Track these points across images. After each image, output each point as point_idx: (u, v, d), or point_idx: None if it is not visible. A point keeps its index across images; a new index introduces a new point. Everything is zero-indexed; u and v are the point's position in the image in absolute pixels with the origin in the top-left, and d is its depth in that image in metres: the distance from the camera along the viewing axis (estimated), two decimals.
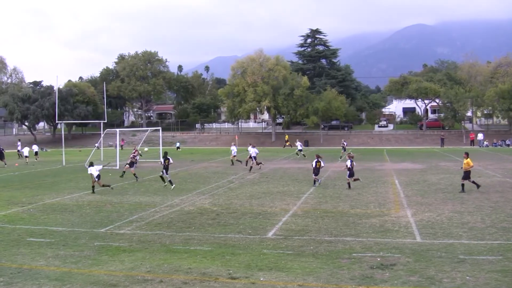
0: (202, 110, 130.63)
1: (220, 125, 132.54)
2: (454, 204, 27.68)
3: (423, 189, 33.96)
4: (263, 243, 19.46)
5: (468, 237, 19.85)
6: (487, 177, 40.74)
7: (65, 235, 21.26)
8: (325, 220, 23.81)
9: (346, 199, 29.93)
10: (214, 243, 19.53)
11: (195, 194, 32.86)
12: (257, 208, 27.36)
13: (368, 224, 22.73)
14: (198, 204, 28.98)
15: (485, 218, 23.73)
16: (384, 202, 28.94)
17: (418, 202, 28.61)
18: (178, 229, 22.22)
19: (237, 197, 31.55)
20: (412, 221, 23.22)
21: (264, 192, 33.42)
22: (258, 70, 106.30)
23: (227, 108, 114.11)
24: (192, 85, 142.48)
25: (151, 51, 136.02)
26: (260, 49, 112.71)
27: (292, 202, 29.28)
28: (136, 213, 26.22)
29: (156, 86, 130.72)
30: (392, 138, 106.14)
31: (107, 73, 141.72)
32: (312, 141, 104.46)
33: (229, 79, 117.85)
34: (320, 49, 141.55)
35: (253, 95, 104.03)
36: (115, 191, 35.04)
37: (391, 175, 43.92)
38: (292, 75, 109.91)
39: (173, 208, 27.68)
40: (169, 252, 18.34)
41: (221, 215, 25.29)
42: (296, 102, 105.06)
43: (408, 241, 19.44)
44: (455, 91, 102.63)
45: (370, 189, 34.37)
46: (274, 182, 39.65)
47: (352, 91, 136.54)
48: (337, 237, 20.27)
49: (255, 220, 23.91)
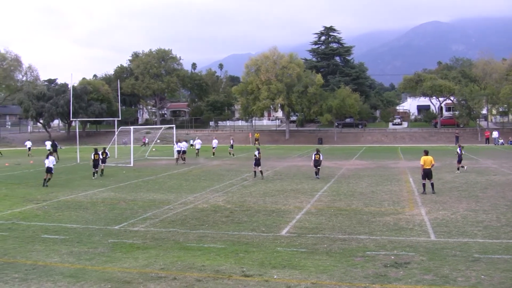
0: (216, 107, 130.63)
1: (234, 123, 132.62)
2: (469, 202, 27.57)
3: (438, 187, 33.71)
4: (277, 241, 19.46)
5: (483, 236, 19.76)
6: (502, 175, 40.54)
7: (79, 232, 21.36)
8: (338, 218, 23.78)
9: (360, 197, 29.87)
10: (228, 240, 19.55)
11: (209, 192, 32.90)
12: (270, 205, 27.37)
13: (382, 222, 22.68)
14: (211, 201, 29.02)
15: (501, 216, 23.61)
16: (398, 200, 28.86)
17: (433, 200, 28.51)
18: (192, 226, 22.25)
19: (251, 194, 31.57)
20: (427, 219, 23.14)
21: (277, 190, 33.41)
22: (272, 68, 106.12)
23: (241, 105, 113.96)
24: (206, 83, 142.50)
25: (165, 49, 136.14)
26: (274, 47, 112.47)
27: (305, 200, 29.26)
28: (150, 210, 26.29)
29: (170, 83, 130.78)
30: (406, 136, 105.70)
31: (121, 70, 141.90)
32: (326, 139, 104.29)
33: (243, 76, 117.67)
34: (334, 47, 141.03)
35: (267, 93, 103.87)
36: (129, 188, 35.17)
37: (405, 173, 43.77)
38: (306, 73, 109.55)
39: (187, 205, 27.73)
40: (182, 249, 18.37)
41: (234, 213, 25.31)
42: (310, 99, 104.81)
43: (423, 239, 19.38)
44: (470, 88, 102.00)
45: (384, 187, 34.29)
46: (288, 179, 39.62)
47: (366, 88, 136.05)
48: (351, 235, 20.24)
49: (269, 218, 23.91)
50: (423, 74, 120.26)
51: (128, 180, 39.94)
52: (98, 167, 43.43)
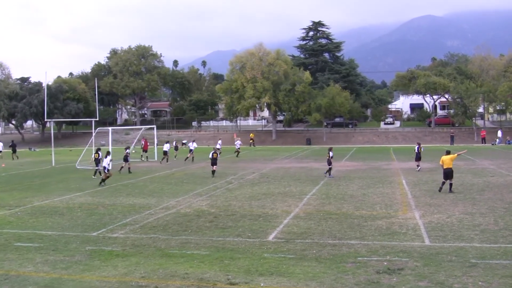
0: (199, 107, 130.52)
1: (218, 123, 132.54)
2: (465, 205, 27.68)
3: (432, 189, 33.92)
4: (264, 246, 19.46)
5: (480, 240, 19.84)
6: (500, 177, 40.76)
7: (55, 240, 21.26)
8: (328, 222, 23.81)
9: (350, 200, 29.93)
10: (212, 247, 19.53)
11: (192, 196, 32.86)
12: (257, 210, 27.37)
13: (374, 226, 22.74)
14: (195, 206, 28.98)
15: (498, 220, 23.72)
16: (391, 203, 28.94)
17: (427, 203, 28.61)
18: (174, 232, 22.22)
19: (236, 198, 31.55)
20: (421, 223, 23.22)
21: (264, 193, 33.42)
22: (257, 65, 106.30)
23: (225, 105, 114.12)
24: (189, 81, 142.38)
25: (145, 46, 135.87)
26: (260, 43, 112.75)
27: (294, 203, 29.28)
28: (130, 215, 26.22)
29: (151, 82, 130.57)
30: (399, 136, 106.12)
31: (99, 68, 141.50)
32: (315, 139, 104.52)
33: (227, 74, 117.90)
34: (322, 43, 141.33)
35: (253, 91, 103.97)
36: (108, 192, 35.07)
37: (398, 174, 43.93)
38: (293, 70, 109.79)
39: (168, 210, 27.68)
40: (164, 256, 18.34)
41: (219, 218, 25.29)
42: (297, 98, 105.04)
43: (417, 244, 19.44)
44: (466, 86, 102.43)
45: (376, 190, 34.38)
46: (275, 182, 39.64)
47: (357, 86, 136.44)
48: (341, 240, 20.27)
49: (255, 223, 23.91)
50: (417, 71, 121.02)
51: (107, 184, 39.79)
52: (99, 166, 45.47)
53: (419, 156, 47.48)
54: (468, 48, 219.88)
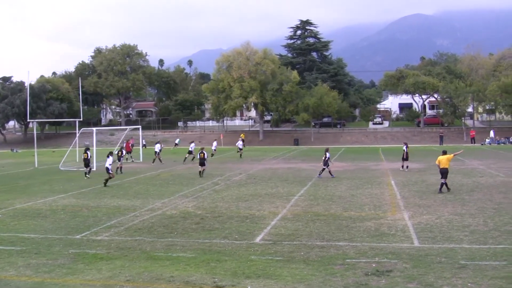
0: (185, 107, 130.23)
1: (204, 123, 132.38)
2: (454, 205, 27.76)
3: (421, 190, 34.07)
4: (251, 248, 19.45)
5: (470, 241, 19.89)
6: (489, 177, 40.95)
7: (38, 243, 21.15)
8: (316, 223, 23.83)
9: (339, 201, 29.96)
10: (198, 249, 19.49)
11: (178, 197, 32.81)
12: (244, 211, 27.35)
13: (362, 227, 22.76)
14: (181, 207, 28.94)
15: (488, 220, 23.80)
16: (380, 204, 29.00)
17: (416, 203, 28.69)
18: (160, 234, 22.16)
19: (223, 199, 31.52)
20: (410, 224, 23.27)
21: (251, 194, 33.41)
22: (244, 64, 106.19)
23: (212, 105, 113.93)
24: (174, 81, 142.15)
25: (130, 45, 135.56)
26: (247, 42, 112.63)
27: (281, 204, 29.28)
28: (115, 217, 26.14)
29: (136, 81, 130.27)
30: (388, 136, 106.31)
31: (83, 68, 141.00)
32: (303, 139, 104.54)
33: (213, 74, 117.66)
34: (310, 42, 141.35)
35: (240, 91, 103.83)
36: (92, 194, 34.96)
37: (387, 175, 44.03)
38: (281, 70, 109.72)
39: (154, 212, 27.62)
40: (150, 259, 18.28)
41: (205, 219, 25.25)
42: (285, 98, 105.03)
43: (406, 245, 19.47)
44: (455, 85, 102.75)
45: (364, 190, 34.43)
46: (262, 183, 39.63)
47: (345, 86, 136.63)
48: (329, 241, 20.27)
49: (242, 225, 23.90)
50: (406, 70, 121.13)
51: (91, 186, 39.69)
52: (89, 167, 46.90)
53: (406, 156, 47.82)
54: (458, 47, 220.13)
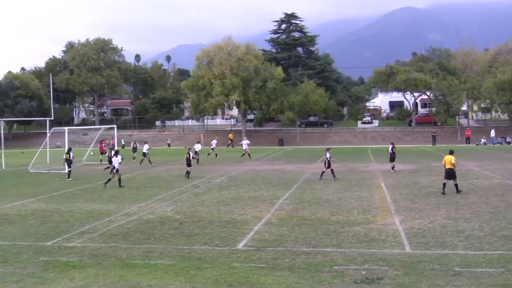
0: (163, 105, 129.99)
1: (184, 122, 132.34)
2: (448, 209, 27.84)
3: (413, 192, 34.15)
4: (233, 255, 19.41)
5: (465, 247, 19.94)
6: (485, 179, 41.12)
7: (5, 250, 21.00)
8: (302, 228, 23.82)
9: (326, 205, 29.98)
10: (177, 256, 19.44)
11: (155, 201, 32.73)
12: (225, 216, 27.31)
13: (351, 232, 22.78)
14: (158, 212, 28.86)
15: (484, 225, 23.87)
16: (369, 207, 29.04)
17: (408, 207, 28.75)
18: (136, 240, 22.09)
19: (203, 203, 31.46)
20: (401, 229, 23.31)
21: (233, 198, 33.38)
22: (226, 60, 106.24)
23: (191, 103, 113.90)
24: (152, 77, 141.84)
25: (104, 39, 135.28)
26: (229, 36, 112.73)
27: (265, 208, 29.27)
28: (88, 223, 26.01)
29: (111, 78, 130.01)
30: (378, 136, 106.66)
31: (54, 63, 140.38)
32: (288, 139, 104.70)
33: (193, 70, 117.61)
34: (296, 36, 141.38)
35: (221, 88, 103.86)
36: (64, 198, 34.81)
37: (377, 177, 44.12)
38: (264, 66, 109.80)
39: (130, 216, 27.53)
40: (126, 267, 18.20)
41: (184, 224, 25.20)
42: (269, 95, 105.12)
43: (397, 251, 19.50)
44: (449, 82, 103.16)
45: (353, 193, 34.48)
46: (245, 186, 39.62)
47: (332, 83, 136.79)
48: (316, 247, 20.28)
49: (224, 230, 23.86)
50: (396, 67, 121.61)
51: (63, 189, 39.52)
52: (71, 167, 47.79)
53: (394, 156, 48.07)
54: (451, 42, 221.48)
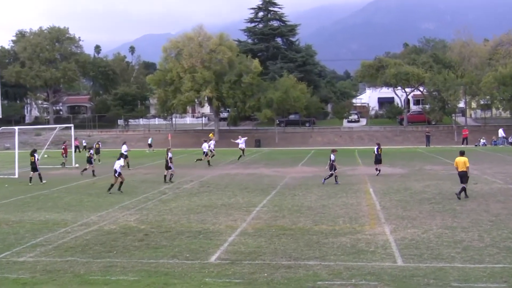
0: (126, 102, 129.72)
1: (149, 121, 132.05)
2: (444, 217, 27.94)
3: (405, 199, 34.26)
4: (205, 269, 19.36)
5: (463, 260, 19.99)
6: (485, 184, 41.25)
7: None
8: (282, 239, 23.81)
9: (308, 213, 29.99)
10: (142, 270, 19.37)
11: (117, 209, 32.61)
12: (196, 225, 27.27)
13: (336, 244, 22.80)
14: (121, 221, 28.76)
15: (484, 235, 23.96)
16: (356, 216, 29.07)
17: (399, 215, 28.83)
18: (96, 254, 21.97)
19: (171, 212, 31.40)
20: (392, 239, 23.37)
21: (205, 206, 33.33)
22: (197, 52, 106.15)
23: (158, 99, 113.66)
24: (113, 71, 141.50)
25: (60, 27, 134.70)
26: (200, 25, 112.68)
27: (240, 217, 29.25)
28: (41, 234, 25.86)
29: (67, 71, 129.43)
30: (365, 136, 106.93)
31: (2, 54, 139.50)
32: (266, 140, 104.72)
33: (160, 63, 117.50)
34: (274, 25, 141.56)
35: (191, 83, 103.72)
36: (14, 207, 34.57)
37: (364, 182, 44.23)
38: (239, 58, 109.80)
39: (89, 227, 27.39)
40: (84, 283, 18.11)
41: (150, 235, 25.13)
42: (244, 91, 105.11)
43: (387, 264, 19.53)
44: (444, 76, 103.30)
45: (338, 200, 34.52)
46: (218, 192, 39.57)
47: (315, 77, 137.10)
48: (297, 260, 20.26)
49: (194, 241, 23.81)
50: (386, 59, 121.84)
51: (13, 196, 39.28)
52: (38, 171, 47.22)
53: (379, 158, 48.31)
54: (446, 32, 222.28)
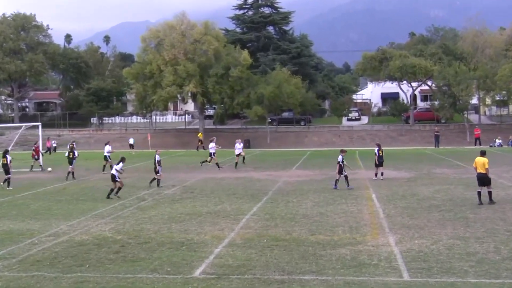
0: (100, 98, 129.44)
1: (126, 119, 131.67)
2: (455, 226, 27.89)
3: (412, 206, 34.22)
4: (188, 285, 19.30)
5: (477, 274, 19.95)
6: (501, 189, 41.10)
7: None
8: (274, 251, 23.75)
9: (303, 222, 29.92)
10: (118, 286, 19.30)
11: (90, 218, 32.50)
12: (178, 235, 27.20)
13: (335, 256, 22.74)
14: (94, 231, 28.65)
15: (500, 246, 23.89)
16: (357, 225, 29.02)
17: (405, 224, 28.78)
18: (66, 268, 21.87)
19: (151, 220, 31.32)
20: (397, 251, 23.32)
21: (188, 213, 33.27)
22: (179, 42, 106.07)
23: (136, 95, 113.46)
24: (86, 63, 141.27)
25: (26, 14, 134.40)
26: (182, 12, 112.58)
27: (228, 226, 29.19)
28: (4, 247, 25.74)
29: (34, 63, 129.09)
30: (367, 136, 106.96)
31: None
32: (256, 140, 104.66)
33: (138, 54, 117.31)
34: (266, 12, 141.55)
35: (173, 77, 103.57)
36: None
37: (366, 187, 44.17)
38: (227, 49, 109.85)
39: (58, 238, 27.29)
40: None
41: (127, 247, 25.04)
42: (232, 86, 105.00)
43: (392, 279, 19.49)
44: (455, 69, 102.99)
45: (337, 207, 34.48)
46: (203, 198, 39.52)
47: (311, 70, 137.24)
48: (291, 275, 20.21)
49: (176, 253, 23.74)
50: (390, 50, 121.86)
51: None
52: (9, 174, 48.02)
53: (381, 161, 48.23)
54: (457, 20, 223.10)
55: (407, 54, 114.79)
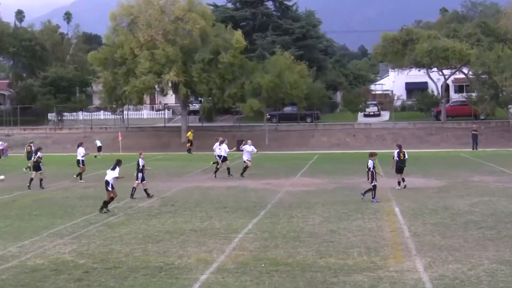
0: (59, 89, 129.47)
1: (92, 115, 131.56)
2: (499, 248, 27.77)
3: (444, 222, 34.13)
4: None
5: None
6: None
7: None
8: (274, 278, 23.62)
9: (310, 242, 29.79)
10: None
11: (46, 237, 32.38)
12: (156, 259, 27.07)
13: (349, 283, 22.62)
14: (51, 254, 28.51)
15: None
16: (377, 245, 28.91)
17: (436, 245, 28.68)
18: None
19: (122, 240, 31.19)
20: (426, 278, 23.18)
21: (168, 231, 33.17)
22: (157, 20, 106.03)
23: (104, 85, 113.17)
24: (42, 46, 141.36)
25: None
26: None
27: (217, 247, 29.06)
28: None
29: None
30: (388, 135, 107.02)
31: None
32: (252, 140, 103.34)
33: (106, 35, 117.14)
34: None
35: (150, 63, 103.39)
36: None
37: (387, 198, 44.13)
38: (216, 29, 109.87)
39: (7, 262, 27.16)
40: None
41: (92, 273, 24.88)
42: (223, 74, 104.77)
43: None
44: (497, 53, 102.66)
45: (351, 223, 34.42)
46: (186, 212, 39.48)
47: (319, 55, 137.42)
48: None
49: (153, 281, 23.61)
50: (416, 30, 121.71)
51: None
52: None
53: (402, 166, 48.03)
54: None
55: (437, 34, 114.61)
